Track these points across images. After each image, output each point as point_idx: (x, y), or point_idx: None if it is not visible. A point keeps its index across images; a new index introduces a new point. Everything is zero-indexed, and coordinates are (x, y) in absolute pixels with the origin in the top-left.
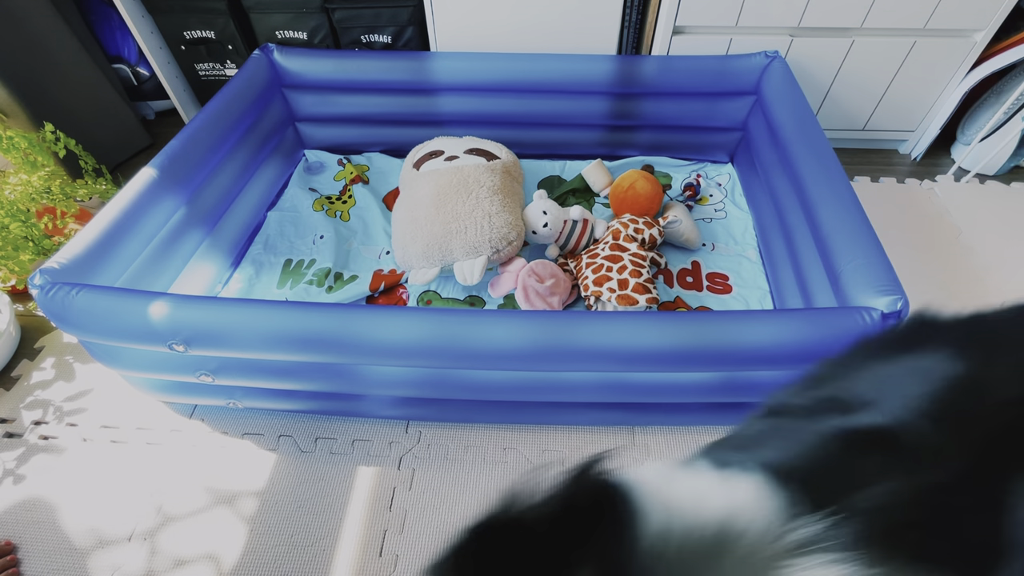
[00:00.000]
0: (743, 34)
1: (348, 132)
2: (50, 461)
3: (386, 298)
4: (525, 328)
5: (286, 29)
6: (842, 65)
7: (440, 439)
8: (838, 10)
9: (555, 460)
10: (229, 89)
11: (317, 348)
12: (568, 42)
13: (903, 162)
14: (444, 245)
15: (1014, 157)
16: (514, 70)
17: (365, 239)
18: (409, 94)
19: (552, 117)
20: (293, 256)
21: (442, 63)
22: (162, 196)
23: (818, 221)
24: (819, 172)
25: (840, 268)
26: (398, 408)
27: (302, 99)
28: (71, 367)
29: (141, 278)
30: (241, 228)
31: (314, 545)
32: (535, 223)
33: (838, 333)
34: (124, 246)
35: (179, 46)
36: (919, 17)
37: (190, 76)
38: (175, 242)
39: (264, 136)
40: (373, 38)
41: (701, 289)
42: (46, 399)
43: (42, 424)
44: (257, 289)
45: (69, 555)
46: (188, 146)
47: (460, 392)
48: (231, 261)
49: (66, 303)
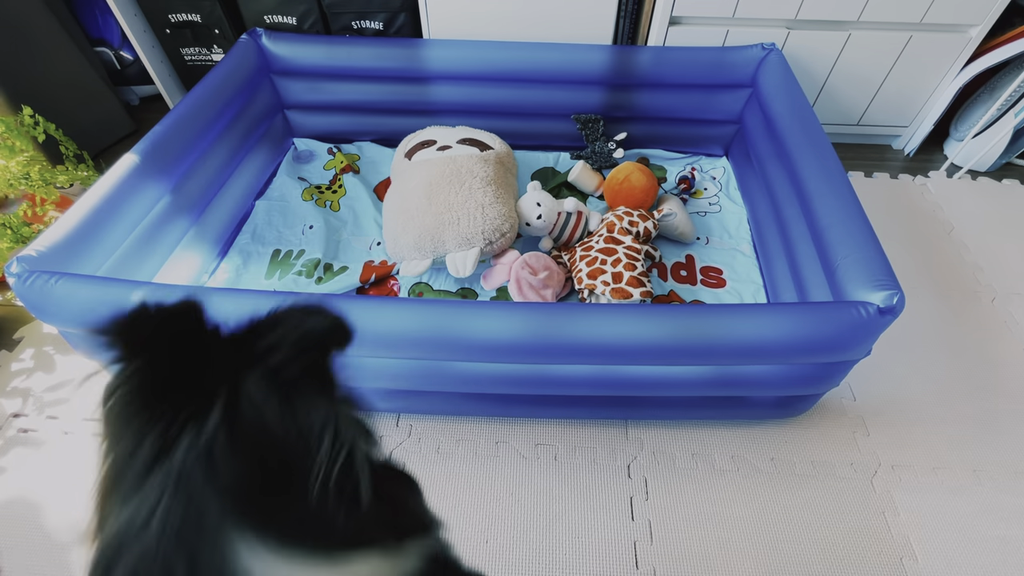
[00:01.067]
0: (740, 26)
1: (338, 120)
2: (30, 455)
3: (377, 290)
4: (518, 320)
5: (275, 14)
6: (838, 59)
7: (431, 432)
8: (835, 3)
9: (548, 454)
10: (216, 74)
11: None
12: (563, 31)
13: (896, 157)
14: (436, 236)
15: (1006, 154)
16: (508, 59)
17: (356, 230)
18: (401, 82)
19: (547, 107)
20: (282, 246)
21: (435, 51)
22: (146, 183)
23: (815, 214)
24: (816, 165)
25: (836, 262)
26: (389, 400)
27: (291, 86)
28: (51, 358)
29: (124, 267)
30: (228, 217)
31: None
32: (529, 215)
33: (833, 327)
34: (106, 234)
35: (164, 29)
36: (915, 11)
37: (175, 61)
38: (159, 230)
39: (252, 123)
40: (364, 24)
41: (695, 283)
42: (25, 390)
43: (21, 416)
44: (244, 279)
45: (50, 551)
46: (173, 132)
47: (452, 384)
48: (218, 251)
49: (44, 292)
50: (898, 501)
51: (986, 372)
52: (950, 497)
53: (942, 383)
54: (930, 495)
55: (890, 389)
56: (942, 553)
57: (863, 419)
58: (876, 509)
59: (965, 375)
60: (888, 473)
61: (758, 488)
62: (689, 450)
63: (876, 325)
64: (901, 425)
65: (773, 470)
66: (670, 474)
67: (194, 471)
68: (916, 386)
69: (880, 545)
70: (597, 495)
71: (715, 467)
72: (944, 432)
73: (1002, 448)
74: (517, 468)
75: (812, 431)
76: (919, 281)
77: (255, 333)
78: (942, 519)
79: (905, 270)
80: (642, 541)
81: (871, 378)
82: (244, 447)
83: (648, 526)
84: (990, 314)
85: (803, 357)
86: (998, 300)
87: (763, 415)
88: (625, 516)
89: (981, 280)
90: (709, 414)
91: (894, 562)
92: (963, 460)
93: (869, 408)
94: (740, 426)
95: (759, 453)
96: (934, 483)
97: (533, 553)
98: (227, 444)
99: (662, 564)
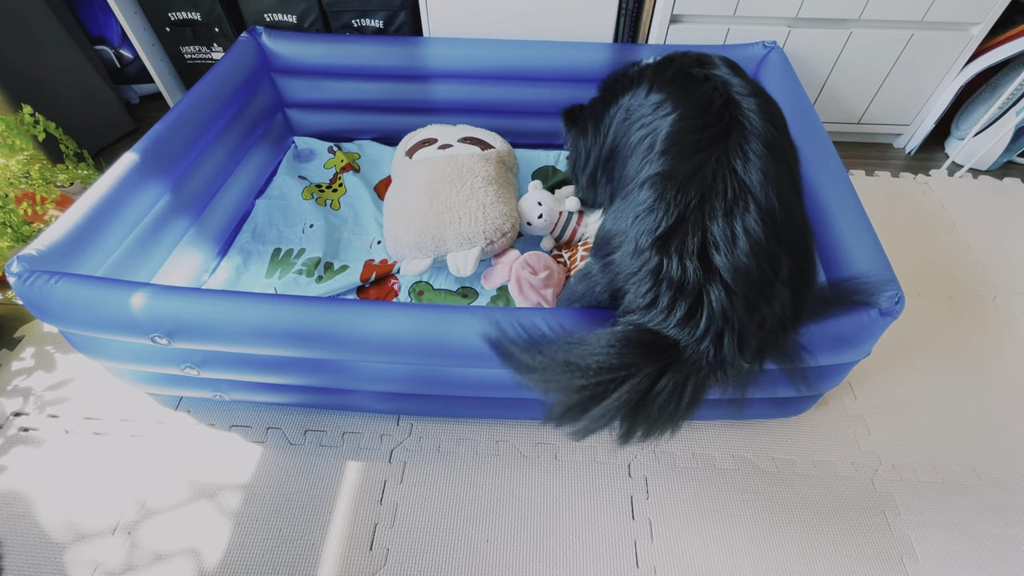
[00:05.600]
0: (741, 23)
1: (339, 119)
2: (30, 453)
3: (377, 289)
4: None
5: (275, 12)
6: (839, 57)
7: (432, 432)
8: (836, 1)
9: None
10: (216, 73)
11: (304, 343)
12: (564, 29)
13: (897, 156)
14: (437, 235)
15: (1007, 152)
16: (509, 57)
17: (356, 228)
18: (401, 80)
19: (547, 106)
20: (282, 245)
21: (435, 49)
22: (146, 182)
23: (816, 213)
24: (817, 164)
25: (837, 261)
26: (388, 403)
27: (291, 84)
28: (52, 357)
29: (123, 267)
30: (228, 216)
31: (303, 539)
32: (530, 214)
33: (834, 327)
34: (106, 233)
35: (164, 28)
36: (917, 10)
37: (175, 59)
38: (159, 230)
39: (252, 122)
40: (364, 22)
41: None
42: (26, 389)
43: (22, 415)
44: (245, 279)
45: (49, 549)
46: (173, 131)
47: (450, 388)
48: (218, 250)
49: (44, 292)
50: (898, 500)
51: (987, 371)
52: (950, 497)
53: (943, 383)
54: (930, 494)
55: (891, 388)
56: (942, 553)
57: (864, 418)
58: (876, 508)
59: (966, 374)
60: (888, 472)
61: (759, 487)
62: (690, 449)
63: (876, 325)
64: (902, 424)
65: (774, 469)
66: (671, 473)
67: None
68: (917, 386)
69: (880, 544)
70: (597, 494)
71: (716, 466)
72: (944, 432)
73: (1002, 448)
74: (517, 467)
75: (813, 430)
76: (920, 280)
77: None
78: (942, 519)
79: (906, 269)
80: (642, 540)
81: (872, 377)
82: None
83: (648, 525)
84: (991, 313)
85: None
86: (999, 299)
87: (764, 414)
88: (625, 515)
89: (982, 279)
90: (710, 413)
91: (894, 561)
92: (963, 460)
93: (870, 407)
94: (741, 425)
95: (760, 452)
96: (934, 482)
97: (533, 552)
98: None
99: (662, 563)
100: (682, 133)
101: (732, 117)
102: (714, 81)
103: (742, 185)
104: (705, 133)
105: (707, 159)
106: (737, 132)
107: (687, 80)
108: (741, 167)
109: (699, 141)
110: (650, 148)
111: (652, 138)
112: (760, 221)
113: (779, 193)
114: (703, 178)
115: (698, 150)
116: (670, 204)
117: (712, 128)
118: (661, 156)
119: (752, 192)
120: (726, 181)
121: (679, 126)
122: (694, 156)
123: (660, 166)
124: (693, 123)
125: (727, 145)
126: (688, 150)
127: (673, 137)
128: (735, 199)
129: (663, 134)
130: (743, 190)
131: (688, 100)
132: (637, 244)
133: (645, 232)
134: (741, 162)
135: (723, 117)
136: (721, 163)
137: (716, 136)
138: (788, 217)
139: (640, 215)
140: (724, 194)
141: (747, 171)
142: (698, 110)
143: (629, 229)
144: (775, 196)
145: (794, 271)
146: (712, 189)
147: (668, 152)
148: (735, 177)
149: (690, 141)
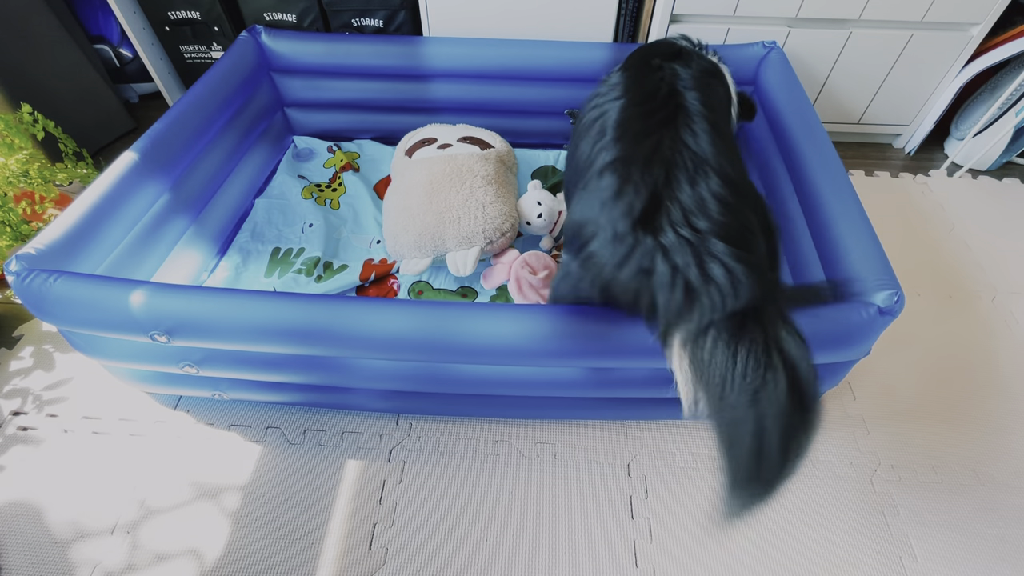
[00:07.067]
0: (741, 23)
1: (338, 118)
2: (29, 453)
3: (376, 288)
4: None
5: (274, 11)
6: (839, 57)
7: (431, 431)
8: (836, 1)
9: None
10: (215, 72)
11: (304, 340)
12: (564, 29)
13: (897, 156)
14: (437, 235)
15: (1007, 152)
16: (509, 57)
17: (355, 228)
18: (401, 80)
19: (547, 105)
20: (281, 244)
21: (435, 48)
22: (145, 181)
23: (815, 213)
24: (817, 164)
25: (837, 261)
26: (387, 401)
27: (291, 83)
28: (51, 356)
29: (122, 266)
30: (228, 215)
31: (302, 539)
32: (529, 214)
33: (833, 327)
34: (105, 232)
35: (163, 27)
36: (916, 10)
37: (175, 58)
38: (159, 229)
39: (251, 121)
40: (364, 22)
41: None
42: (25, 389)
43: (21, 415)
44: (244, 278)
45: (49, 549)
46: (172, 130)
47: (451, 387)
48: (217, 249)
49: (43, 291)
50: (898, 501)
51: (986, 372)
52: (949, 497)
53: (942, 383)
54: (929, 495)
55: (890, 389)
56: (941, 553)
57: (863, 418)
58: (876, 508)
59: (965, 375)
60: (888, 472)
61: None
62: (689, 449)
63: (876, 325)
64: (901, 424)
65: None
66: (670, 473)
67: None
68: (916, 386)
69: (880, 545)
70: (597, 494)
71: (715, 466)
72: (944, 432)
73: (1002, 448)
74: (517, 467)
75: None
76: (919, 280)
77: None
78: (941, 519)
79: (905, 269)
80: (642, 540)
81: (871, 377)
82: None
83: (648, 525)
84: (991, 313)
85: None
86: (998, 299)
87: None
88: (625, 515)
89: (981, 279)
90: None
91: (894, 562)
92: (963, 460)
93: (869, 407)
94: None
95: None
96: (933, 482)
97: (533, 552)
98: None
99: (662, 563)
100: (632, 119)
101: (677, 104)
102: (664, 72)
103: (698, 157)
104: (654, 118)
105: (662, 139)
106: (683, 114)
107: (643, 68)
108: (692, 142)
109: (649, 126)
110: (600, 133)
111: (602, 122)
112: (722, 184)
113: (730, 160)
114: (663, 156)
115: (650, 133)
116: (638, 185)
117: (660, 112)
118: (615, 143)
119: (708, 162)
120: (683, 155)
121: (628, 112)
122: (648, 138)
123: (616, 152)
124: (641, 109)
125: (676, 125)
126: (640, 134)
127: (624, 124)
128: (695, 169)
129: (612, 120)
130: (701, 161)
131: (637, 87)
132: (615, 231)
133: (619, 217)
134: (692, 138)
135: (668, 104)
136: (675, 141)
137: (665, 119)
138: (743, 180)
139: (606, 202)
140: (686, 166)
141: (698, 144)
142: (645, 97)
143: (599, 217)
144: (727, 163)
145: (761, 224)
146: (674, 163)
147: (621, 139)
148: (690, 151)
149: (640, 127)
